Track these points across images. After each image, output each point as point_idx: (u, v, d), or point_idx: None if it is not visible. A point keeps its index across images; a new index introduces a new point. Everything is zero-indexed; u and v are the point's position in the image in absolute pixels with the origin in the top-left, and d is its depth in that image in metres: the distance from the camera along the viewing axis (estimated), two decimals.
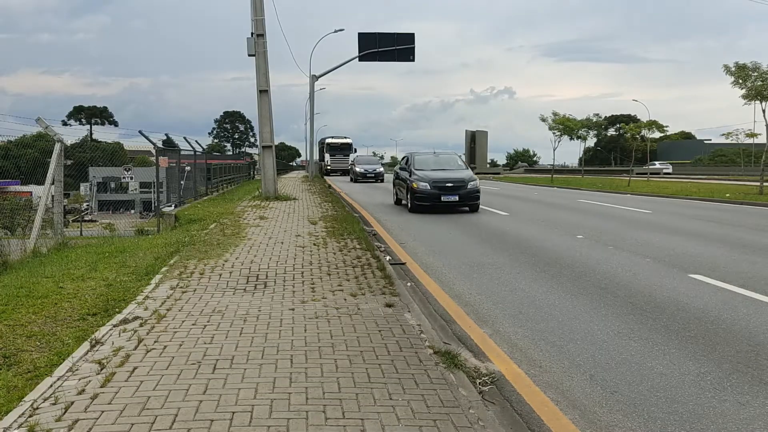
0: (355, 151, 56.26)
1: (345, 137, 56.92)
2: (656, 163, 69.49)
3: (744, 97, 26.20)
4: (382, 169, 41.45)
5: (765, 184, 26.12)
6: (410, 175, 17.07)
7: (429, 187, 16.21)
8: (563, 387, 4.46)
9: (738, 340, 5.39)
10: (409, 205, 16.89)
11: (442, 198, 16.19)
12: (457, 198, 16.28)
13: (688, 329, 5.72)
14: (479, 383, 4.39)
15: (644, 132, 47.25)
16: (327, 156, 55.30)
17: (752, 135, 36.96)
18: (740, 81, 25.76)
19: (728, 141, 43.48)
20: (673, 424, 3.82)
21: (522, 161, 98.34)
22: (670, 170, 65.98)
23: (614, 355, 5.08)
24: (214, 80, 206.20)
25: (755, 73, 25.35)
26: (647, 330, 5.73)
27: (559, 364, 4.90)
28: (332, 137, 56.77)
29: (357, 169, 39.82)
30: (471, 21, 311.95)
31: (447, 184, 16.32)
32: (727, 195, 24.38)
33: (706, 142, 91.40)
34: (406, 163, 18.30)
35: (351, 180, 40.43)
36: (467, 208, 16.92)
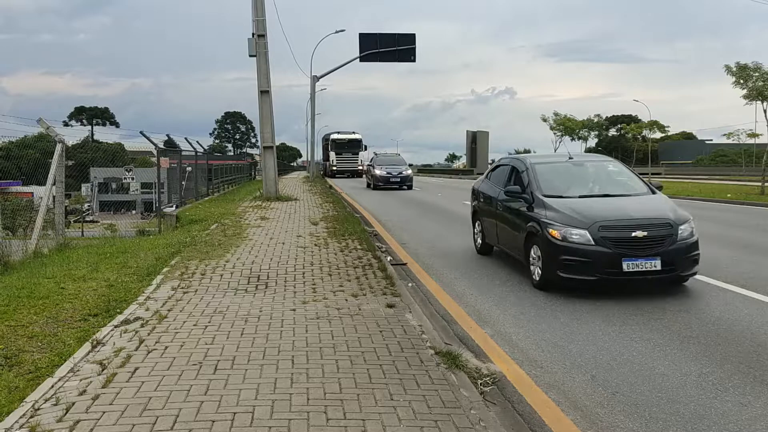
0: (365, 148, 48.90)
1: (353, 132, 49.02)
2: None
3: (745, 97, 26.27)
4: (410, 171, 31.43)
5: (766, 184, 26.08)
6: (534, 207, 7.90)
7: (592, 240, 7.08)
8: (565, 387, 4.45)
9: (740, 341, 5.38)
10: (541, 272, 7.45)
11: (626, 264, 6.96)
12: (659, 264, 6.98)
13: (689, 330, 5.71)
14: (480, 384, 4.39)
15: (645, 132, 47.34)
16: (332, 155, 48.18)
17: (753, 135, 37.04)
18: (741, 81, 25.79)
19: (729, 141, 43.63)
20: (675, 425, 3.82)
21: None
22: None
23: (616, 355, 5.08)
24: (216, 81, 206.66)
25: (756, 74, 25.39)
26: (649, 330, 5.72)
27: (560, 365, 4.90)
28: (338, 132, 49.32)
29: (377, 172, 29.95)
30: (472, 21, 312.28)
31: (633, 233, 7.07)
32: (729, 195, 24.32)
33: (707, 142, 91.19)
34: (513, 178, 8.97)
35: (368, 186, 31.90)
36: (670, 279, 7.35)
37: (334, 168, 47.42)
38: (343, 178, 44.59)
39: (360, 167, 45.30)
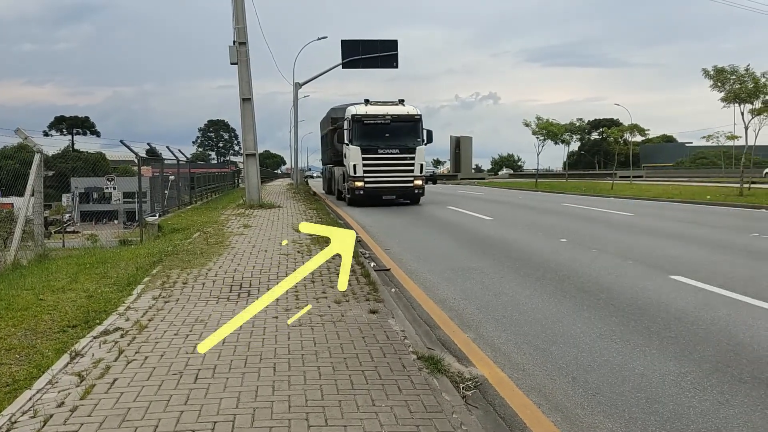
0: (429, 139, 22.72)
1: (400, 101, 22.91)
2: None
3: (723, 100, 26.60)
4: None
5: (745, 185, 26.49)
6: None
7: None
8: (546, 390, 4.48)
9: (718, 340, 5.45)
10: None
11: None
12: None
13: (668, 330, 5.77)
14: (463, 388, 4.40)
15: (626, 136, 47.89)
16: (352, 153, 21.86)
17: (732, 137, 37.57)
18: (719, 84, 26.15)
19: (709, 143, 44.22)
20: (654, 425, 3.85)
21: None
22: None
23: (596, 356, 5.12)
24: (200, 88, 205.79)
25: (733, 77, 25.75)
26: (629, 331, 5.78)
27: (542, 367, 4.93)
28: (368, 102, 22.50)
29: None
30: (457, 27, 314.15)
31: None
32: (708, 197, 24.67)
33: (687, 144, 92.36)
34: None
35: None
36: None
37: (358, 185, 21.71)
38: (361, 201, 21.95)
39: (418, 183, 22.19)
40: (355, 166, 21.68)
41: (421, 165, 22.30)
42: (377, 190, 21.78)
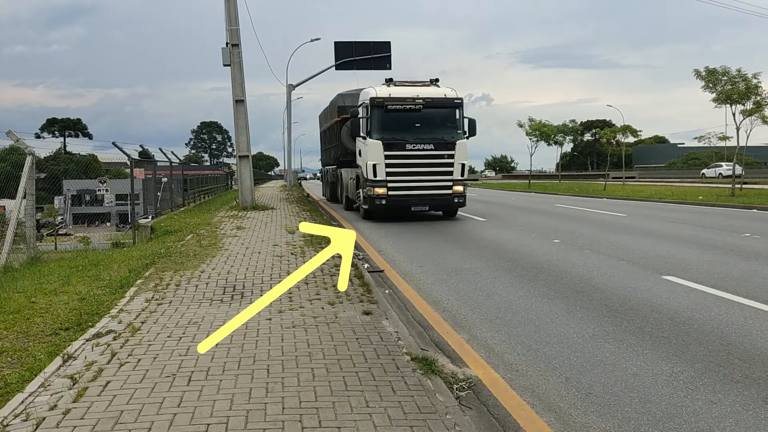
0: (473, 131, 17.00)
1: (434, 81, 17.46)
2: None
3: (714, 101, 26.69)
4: None
5: (737, 186, 26.64)
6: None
7: None
8: (539, 390, 4.49)
9: (710, 340, 5.48)
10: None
11: None
12: None
13: (661, 330, 5.80)
14: (456, 389, 4.41)
15: (619, 137, 48.09)
16: (372, 148, 16.23)
17: (724, 138, 37.74)
18: (710, 85, 26.25)
19: (701, 144, 44.41)
20: (647, 424, 3.87)
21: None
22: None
23: (589, 357, 5.14)
24: (193, 90, 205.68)
25: (725, 78, 25.85)
26: (621, 332, 5.80)
27: (535, 368, 4.94)
28: (390, 82, 17.09)
29: None
30: (451, 29, 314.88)
31: None
32: (700, 197, 24.80)
33: (679, 145, 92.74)
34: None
35: None
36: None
37: (379, 192, 16.37)
38: (411, 221, 16.83)
39: (458, 189, 16.83)
40: (375, 166, 16.23)
41: (463, 165, 16.77)
42: (405, 199, 16.51)
